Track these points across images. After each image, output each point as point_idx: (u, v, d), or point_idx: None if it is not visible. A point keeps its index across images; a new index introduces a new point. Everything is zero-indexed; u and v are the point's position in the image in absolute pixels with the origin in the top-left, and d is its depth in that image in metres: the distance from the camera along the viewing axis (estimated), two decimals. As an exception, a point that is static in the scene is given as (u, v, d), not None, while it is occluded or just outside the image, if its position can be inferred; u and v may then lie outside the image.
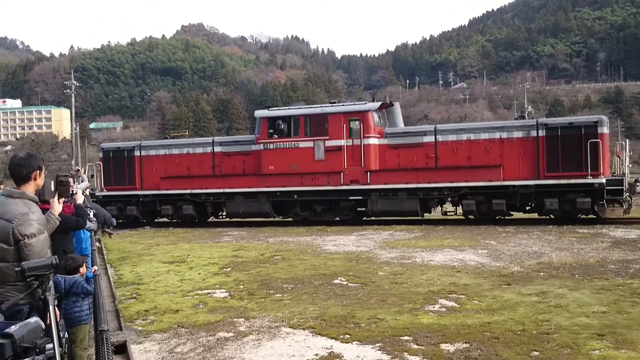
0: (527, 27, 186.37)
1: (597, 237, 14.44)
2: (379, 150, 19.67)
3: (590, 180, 17.29)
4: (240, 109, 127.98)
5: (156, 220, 23.28)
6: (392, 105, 21.19)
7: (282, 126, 20.59)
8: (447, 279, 9.52)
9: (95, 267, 6.26)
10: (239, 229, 19.73)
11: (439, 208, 20.41)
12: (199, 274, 10.93)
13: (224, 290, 9.32)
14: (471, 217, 19.15)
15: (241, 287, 9.53)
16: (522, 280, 9.24)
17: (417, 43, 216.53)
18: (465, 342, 6.11)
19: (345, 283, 9.52)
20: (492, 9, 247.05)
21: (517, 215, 19.55)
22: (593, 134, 17.59)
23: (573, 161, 17.65)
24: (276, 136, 20.55)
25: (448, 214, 19.77)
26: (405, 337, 6.38)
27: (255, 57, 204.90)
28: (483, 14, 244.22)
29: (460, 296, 8.25)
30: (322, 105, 21.79)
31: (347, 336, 6.53)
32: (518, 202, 18.47)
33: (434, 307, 7.69)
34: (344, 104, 21.21)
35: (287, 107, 22.64)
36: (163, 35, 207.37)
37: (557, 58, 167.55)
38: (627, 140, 19.22)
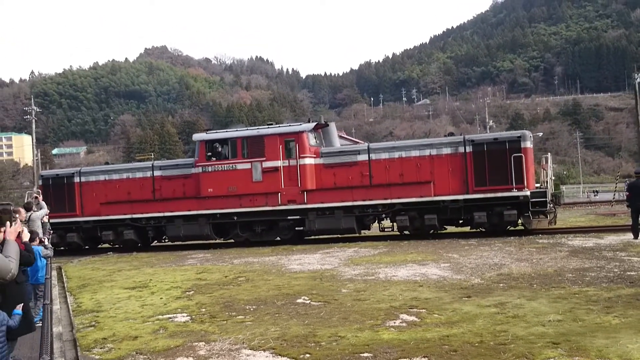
0: (487, 44, 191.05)
1: (556, 246, 14.75)
2: (315, 170, 20.00)
3: (515, 193, 17.96)
4: (212, 130, 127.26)
5: (99, 246, 23.03)
6: (328, 125, 21.50)
7: (220, 149, 20.81)
8: (409, 293, 9.58)
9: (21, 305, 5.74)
10: (204, 252, 19.54)
11: (377, 224, 20.63)
12: (161, 298, 10.77)
13: (185, 314, 9.20)
14: (406, 232, 19.57)
15: (203, 310, 9.42)
16: (482, 292, 9.36)
17: (380, 61, 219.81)
18: (424, 357, 6.15)
19: (308, 302, 9.50)
20: (452, 27, 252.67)
21: (450, 229, 20.08)
22: (517, 148, 18.29)
23: (499, 175, 18.27)
24: (214, 159, 20.68)
25: (386, 230, 20.11)
26: (365, 354, 6.39)
27: (220, 78, 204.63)
28: (443, 32, 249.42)
29: (421, 310, 8.31)
30: (259, 127, 22.02)
31: (308, 355, 6.50)
32: (449, 217, 18.98)
33: (394, 323, 7.73)
34: (280, 125, 21.44)
35: (225, 130, 22.94)
36: (126, 59, 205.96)
37: (516, 73, 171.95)
38: (549, 153, 20.01)
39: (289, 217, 20.06)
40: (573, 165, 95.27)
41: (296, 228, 20.25)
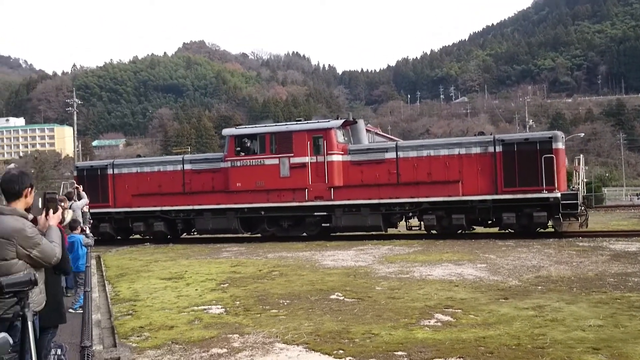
0: (528, 41, 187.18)
1: (597, 250, 14.39)
2: (342, 167, 20.00)
3: (545, 194, 17.64)
4: (241, 125, 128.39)
5: (130, 237, 23.47)
6: (356, 122, 21.45)
7: (249, 144, 21.00)
8: (444, 293, 9.47)
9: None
10: (239, 245, 19.72)
11: (404, 223, 20.50)
12: (196, 290, 10.90)
13: (220, 306, 9.29)
14: (433, 231, 19.43)
15: (237, 303, 9.49)
16: (519, 294, 9.19)
17: (418, 58, 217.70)
18: (459, 357, 6.06)
19: (341, 298, 9.48)
20: (492, 24, 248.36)
21: (478, 229, 19.83)
22: (548, 149, 17.95)
23: (529, 176, 17.99)
24: (243, 154, 20.84)
25: (413, 228, 20.00)
26: (399, 352, 6.33)
27: (257, 73, 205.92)
28: (483, 29, 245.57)
29: (456, 310, 8.21)
30: (287, 123, 22.24)
31: (341, 351, 6.48)
32: (477, 217, 18.78)
33: (429, 322, 7.64)
34: (308, 122, 21.47)
35: (254, 126, 23.13)
36: (165, 53, 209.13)
37: (558, 71, 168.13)
38: (582, 155, 19.55)
39: (315, 213, 20.18)
40: (616, 167, 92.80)
41: (322, 224, 20.31)
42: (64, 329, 6.68)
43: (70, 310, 9.12)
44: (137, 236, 23.29)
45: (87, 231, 11.22)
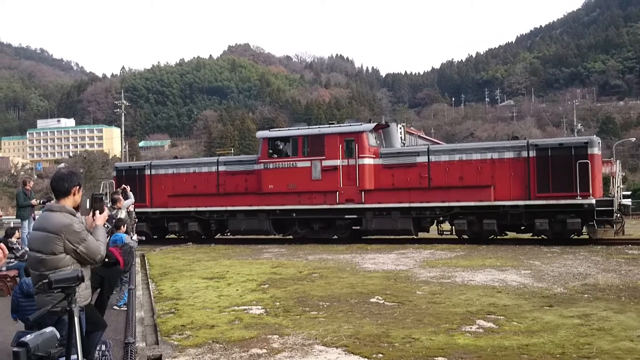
0: (577, 43, 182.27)
1: (648, 258, 13.89)
2: (373, 170, 19.94)
3: (579, 201, 17.25)
4: (284, 127, 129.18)
5: (166, 237, 23.86)
6: (388, 126, 21.32)
7: (281, 146, 21.20)
8: (487, 299, 9.31)
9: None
10: (279, 246, 19.85)
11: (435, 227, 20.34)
12: (237, 290, 11.01)
13: (260, 307, 9.36)
14: (465, 236, 19.14)
15: (277, 304, 9.55)
16: (564, 301, 8.95)
17: (463, 60, 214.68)
18: (501, 365, 5.95)
19: (381, 302, 9.42)
20: (540, 26, 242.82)
21: (510, 235, 19.52)
22: (583, 154, 17.54)
23: (563, 182, 17.60)
24: (276, 156, 21.02)
25: (444, 233, 19.82)
26: (440, 358, 6.25)
27: (300, 76, 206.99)
28: (531, 31, 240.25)
29: (499, 317, 8.05)
30: (320, 126, 22.34)
31: (380, 355, 6.44)
32: (510, 222, 18.46)
33: (471, 328, 7.52)
34: (341, 125, 21.42)
35: (287, 128, 23.47)
36: (210, 56, 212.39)
37: (609, 74, 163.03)
38: (619, 161, 18.90)
39: (346, 216, 20.20)
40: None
41: (353, 227, 20.33)
42: (109, 325, 6.86)
43: (115, 307, 9.35)
44: (173, 236, 23.73)
45: (134, 236, 11.49)
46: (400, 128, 22.65)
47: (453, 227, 19.29)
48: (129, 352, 3.64)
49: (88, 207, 4.50)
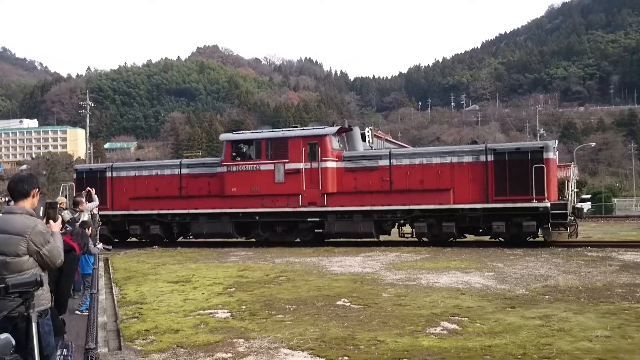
0: (540, 50, 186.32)
1: (606, 260, 14.28)
2: (336, 174, 20.09)
3: (535, 204, 17.63)
4: (253, 130, 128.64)
5: (127, 240, 23.54)
6: (351, 129, 21.50)
7: (245, 149, 21.22)
8: (451, 301, 9.43)
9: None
10: (246, 249, 19.76)
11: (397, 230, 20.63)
12: (203, 294, 10.92)
13: (226, 311, 9.30)
14: (424, 239, 19.48)
15: (243, 307, 9.50)
16: (526, 303, 9.13)
17: (430, 65, 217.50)
18: (464, 366, 6.03)
19: (348, 304, 9.47)
20: (505, 32, 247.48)
21: (473, 237, 19.91)
22: (539, 159, 17.95)
23: (520, 185, 18.00)
24: (239, 159, 21.02)
25: (405, 236, 20.05)
26: (404, 360, 6.32)
27: (269, 78, 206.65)
28: (496, 37, 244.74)
29: (462, 319, 8.17)
30: (283, 129, 22.40)
31: (346, 358, 6.47)
32: (468, 225, 18.82)
33: (435, 330, 7.61)
34: (304, 128, 21.55)
35: (251, 131, 23.39)
36: (178, 57, 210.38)
37: (570, 81, 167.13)
38: (573, 165, 19.53)
39: (308, 219, 20.28)
40: (626, 177, 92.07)
41: (316, 230, 20.46)
42: (70, 330, 6.73)
43: (77, 312, 9.19)
44: (134, 239, 23.42)
45: (99, 244, 11.27)
46: (368, 132, 22.81)
47: (414, 230, 19.52)
48: (89, 358, 3.58)
49: (42, 214, 4.44)
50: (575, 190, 19.87)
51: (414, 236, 19.72)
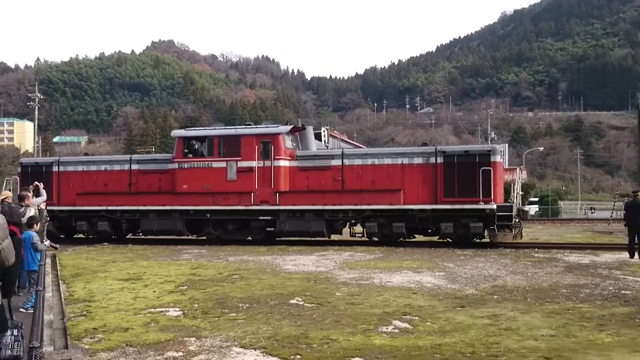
0: (493, 55, 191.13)
1: (552, 261, 14.74)
2: (289, 172, 20.18)
3: (482, 206, 18.16)
4: (208, 126, 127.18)
5: (74, 236, 23.05)
6: (305, 128, 21.62)
7: (197, 146, 21.05)
8: (403, 300, 9.55)
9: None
10: (200, 247, 19.54)
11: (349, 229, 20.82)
12: (154, 291, 10.74)
13: (177, 309, 9.17)
14: (375, 239, 19.77)
15: (195, 305, 9.39)
16: (475, 302, 9.34)
17: (386, 67, 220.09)
18: (415, 364, 6.12)
19: (301, 303, 9.47)
20: (459, 37, 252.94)
21: (419, 238, 20.29)
22: (486, 162, 18.49)
23: (467, 187, 18.50)
24: (191, 156, 20.83)
25: (356, 235, 20.29)
26: (357, 358, 6.35)
27: (225, 75, 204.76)
28: (450, 41, 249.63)
29: (414, 318, 8.29)
30: (236, 127, 22.25)
31: (299, 357, 6.47)
32: (417, 225, 19.23)
33: (387, 329, 7.70)
34: (258, 126, 21.53)
35: (203, 128, 23.30)
36: (132, 51, 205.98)
37: (521, 86, 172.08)
38: (519, 168, 20.31)
39: (260, 218, 20.26)
40: (572, 181, 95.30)
41: (267, 229, 20.42)
42: (14, 328, 6.50)
43: (22, 309, 8.89)
44: (81, 235, 22.87)
45: (46, 241, 10.95)
46: (324, 131, 22.89)
47: (364, 230, 19.70)
48: (33, 357, 3.47)
49: None
50: (521, 193, 20.48)
51: (365, 236, 19.91)
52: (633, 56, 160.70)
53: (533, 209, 55.55)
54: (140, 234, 22.43)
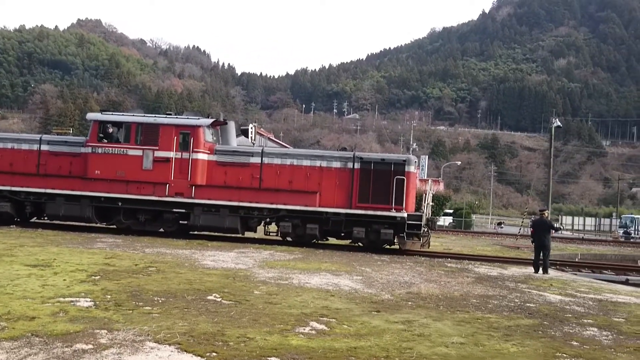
0: (420, 69, 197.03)
1: (463, 272, 15.34)
2: (207, 166, 20.02)
3: (393, 213, 18.85)
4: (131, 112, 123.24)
5: None
6: (226, 123, 21.58)
7: (113, 131, 20.43)
8: (321, 302, 9.65)
9: None
10: (115, 237, 18.88)
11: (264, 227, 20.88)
12: (64, 280, 10.28)
13: (89, 299, 8.83)
14: (288, 238, 20.08)
15: (108, 297, 9.07)
16: (391, 308, 9.57)
17: (317, 70, 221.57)
18: (331, 366, 6.20)
19: (219, 300, 9.36)
20: (389, 47, 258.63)
21: (331, 240, 20.72)
22: (401, 171, 19.20)
23: (381, 195, 19.15)
24: (106, 141, 20.26)
25: (270, 234, 20.46)
26: (273, 358, 6.36)
27: (153, 62, 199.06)
28: (380, 51, 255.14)
29: (331, 320, 8.39)
30: (156, 115, 21.76)
31: (214, 354, 6.39)
32: (331, 228, 19.62)
33: (304, 329, 7.75)
34: (178, 116, 21.14)
35: (121, 113, 22.49)
36: (56, 26, 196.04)
37: (444, 101, 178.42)
38: (431, 179, 21.42)
39: (174, 210, 19.95)
40: (485, 196, 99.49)
41: (181, 222, 20.15)
42: None
43: None
44: None
45: None
46: (252, 128, 22.76)
47: (278, 229, 19.80)
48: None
49: None
50: (432, 203, 21.24)
51: (279, 235, 19.98)
52: (548, 82, 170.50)
53: (447, 220, 57.65)
54: (46, 218, 21.35)
